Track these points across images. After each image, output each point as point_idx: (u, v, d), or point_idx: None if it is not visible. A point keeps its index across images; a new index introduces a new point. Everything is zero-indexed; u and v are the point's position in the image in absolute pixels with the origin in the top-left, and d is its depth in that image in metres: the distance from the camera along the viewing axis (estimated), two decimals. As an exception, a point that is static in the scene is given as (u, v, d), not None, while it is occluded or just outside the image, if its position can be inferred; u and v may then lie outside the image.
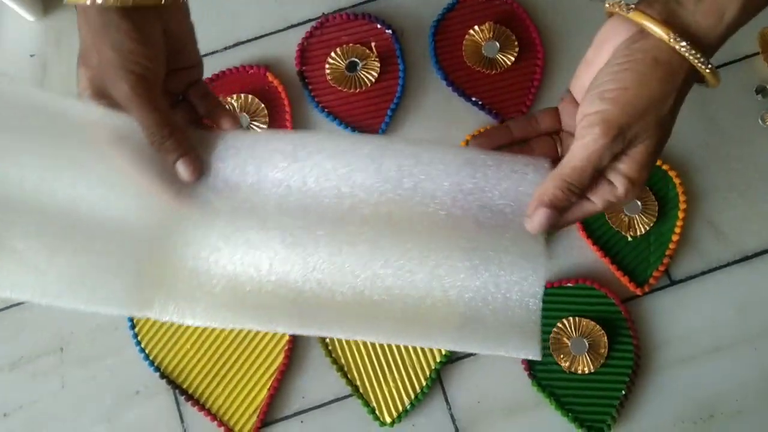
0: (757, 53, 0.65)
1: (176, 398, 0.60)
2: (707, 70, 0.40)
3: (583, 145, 0.40)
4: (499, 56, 0.65)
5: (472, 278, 0.42)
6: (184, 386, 0.59)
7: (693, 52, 0.39)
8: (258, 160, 0.45)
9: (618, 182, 0.42)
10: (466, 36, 0.66)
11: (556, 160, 0.43)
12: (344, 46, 0.66)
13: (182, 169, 0.45)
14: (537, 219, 0.41)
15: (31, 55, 0.68)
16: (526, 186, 0.43)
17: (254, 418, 0.59)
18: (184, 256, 0.47)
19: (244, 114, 0.65)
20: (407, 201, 0.43)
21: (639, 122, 0.41)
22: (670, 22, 0.39)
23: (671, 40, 0.39)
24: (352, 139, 0.45)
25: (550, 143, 0.45)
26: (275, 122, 0.66)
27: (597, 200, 0.43)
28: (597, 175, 0.41)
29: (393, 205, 0.43)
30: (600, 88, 0.40)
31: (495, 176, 0.43)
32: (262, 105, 0.65)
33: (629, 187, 0.42)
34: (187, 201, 0.48)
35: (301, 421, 0.60)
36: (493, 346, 0.43)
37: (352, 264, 0.43)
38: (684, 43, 0.39)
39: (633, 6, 0.40)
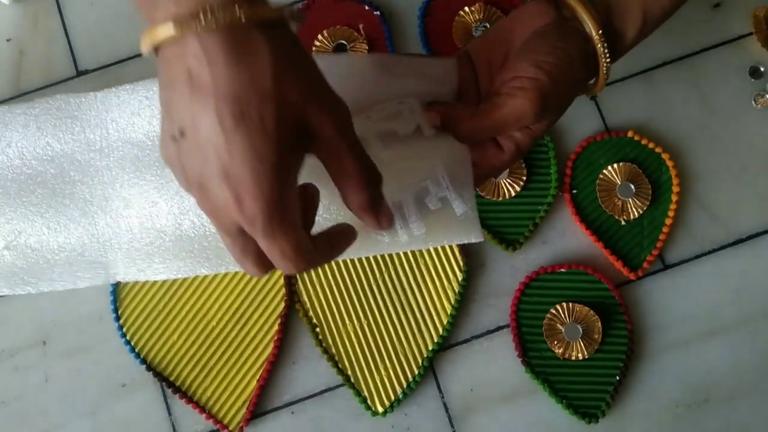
0: (750, 34, 0.64)
1: (163, 391, 0.59)
2: (605, 79, 0.42)
3: (512, 105, 0.40)
4: (490, 38, 0.64)
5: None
6: (171, 378, 0.58)
7: (608, 61, 0.41)
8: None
9: (507, 147, 0.43)
10: (456, 17, 0.64)
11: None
12: (331, 28, 0.64)
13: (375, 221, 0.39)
14: (430, 117, 0.42)
15: (8, 40, 0.66)
16: (438, 87, 0.44)
17: (243, 410, 0.57)
18: (129, 216, 0.49)
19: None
20: None
21: (558, 101, 0.41)
22: (602, 24, 0.41)
23: (599, 44, 0.41)
24: None
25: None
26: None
27: (482, 164, 0.44)
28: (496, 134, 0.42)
29: None
30: (537, 56, 0.40)
31: (408, 81, 0.44)
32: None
33: (515, 155, 0.43)
34: (117, 163, 0.49)
35: (292, 412, 0.59)
36: (437, 239, 0.44)
37: None
38: (606, 50, 0.41)
39: None
